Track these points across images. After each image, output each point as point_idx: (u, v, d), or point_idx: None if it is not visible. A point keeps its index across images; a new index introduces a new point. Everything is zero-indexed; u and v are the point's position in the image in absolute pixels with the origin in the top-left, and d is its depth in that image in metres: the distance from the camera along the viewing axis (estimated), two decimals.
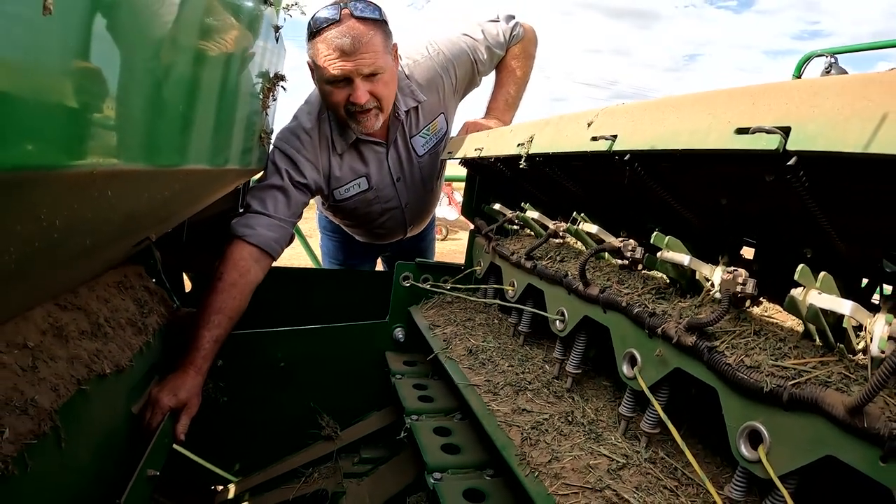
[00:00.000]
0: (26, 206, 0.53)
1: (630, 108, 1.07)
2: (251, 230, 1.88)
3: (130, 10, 0.65)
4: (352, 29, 1.76)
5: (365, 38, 1.77)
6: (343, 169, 2.12)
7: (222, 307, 1.73)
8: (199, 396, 1.60)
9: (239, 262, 1.84)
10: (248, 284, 1.84)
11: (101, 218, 0.80)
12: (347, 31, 1.75)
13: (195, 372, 1.60)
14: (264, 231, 1.90)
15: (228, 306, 1.75)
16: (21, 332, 0.98)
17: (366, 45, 1.77)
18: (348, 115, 1.92)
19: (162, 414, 1.44)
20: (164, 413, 1.44)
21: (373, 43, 1.79)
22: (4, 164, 0.43)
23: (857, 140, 0.58)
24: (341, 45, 1.75)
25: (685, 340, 0.90)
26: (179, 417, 1.51)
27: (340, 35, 1.75)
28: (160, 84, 0.82)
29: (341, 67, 1.79)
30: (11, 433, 0.82)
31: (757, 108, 0.74)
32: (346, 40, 1.75)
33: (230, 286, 1.78)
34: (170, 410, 1.48)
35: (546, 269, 1.41)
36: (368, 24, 1.79)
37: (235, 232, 1.88)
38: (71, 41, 0.51)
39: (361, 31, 1.77)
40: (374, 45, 1.80)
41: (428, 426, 1.50)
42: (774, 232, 1.03)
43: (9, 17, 0.41)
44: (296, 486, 1.90)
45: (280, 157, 2.01)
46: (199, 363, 1.61)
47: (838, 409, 0.67)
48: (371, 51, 1.79)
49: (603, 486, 0.96)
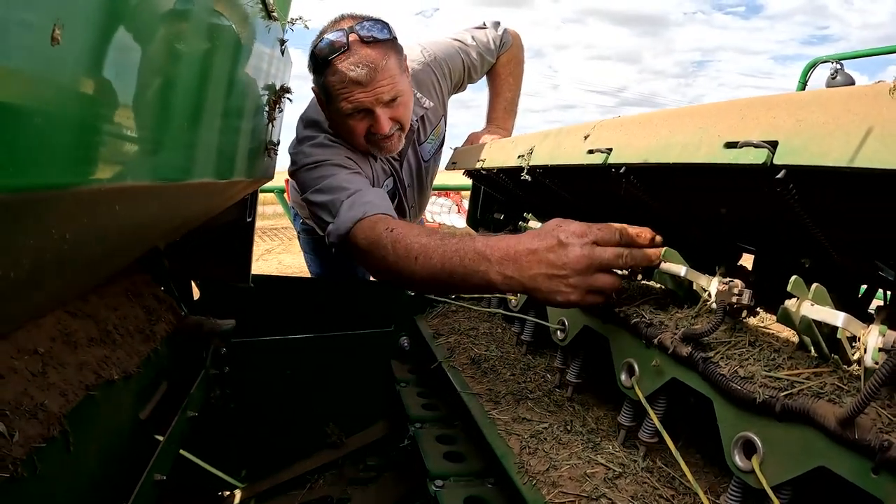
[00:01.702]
0: (38, 222, 0.55)
1: (625, 121, 1.08)
2: (362, 207, 1.56)
3: (139, 29, 0.67)
4: (364, 58, 1.62)
5: (380, 64, 1.64)
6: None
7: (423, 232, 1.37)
8: None
9: (383, 227, 1.47)
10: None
11: (110, 231, 0.82)
12: (360, 61, 1.62)
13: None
14: (374, 199, 1.60)
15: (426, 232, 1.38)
16: (31, 338, 1.01)
17: (382, 73, 1.65)
18: (370, 144, 1.81)
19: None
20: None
21: (388, 68, 1.66)
22: (18, 185, 0.45)
23: (841, 154, 0.59)
24: (356, 77, 1.62)
25: (681, 351, 0.91)
26: None
27: (354, 66, 1.61)
28: (168, 100, 0.84)
29: (359, 100, 1.66)
30: (21, 436, 0.83)
31: (745, 122, 0.76)
32: (360, 71, 1.61)
33: (405, 232, 1.40)
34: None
35: None
36: (380, 48, 1.65)
37: (351, 222, 1.55)
38: (80, 65, 0.53)
39: (375, 57, 1.63)
40: (390, 70, 1.67)
41: (431, 434, 1.52)
42: (772, 242, 1.04)
43: (19, 47, 0.43)
44: (301, 493, 1.92)
45: (324, 167, 1.76)
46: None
47: (830, 420, 0.67)
48: (388, 76, 1.66)
49: (599, 494, 0.97)
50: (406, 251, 1.34)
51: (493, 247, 1.16)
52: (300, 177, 1.79)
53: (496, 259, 1.15)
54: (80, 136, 0.56)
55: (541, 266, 1.09)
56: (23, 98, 0.45)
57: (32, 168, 0.47)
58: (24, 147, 0.46)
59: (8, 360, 0.92)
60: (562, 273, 1.07)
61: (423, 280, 1.32)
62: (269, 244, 10.45)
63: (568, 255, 1.06)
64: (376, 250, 1.44)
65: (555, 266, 1.07)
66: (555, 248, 1.08)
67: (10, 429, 0.83)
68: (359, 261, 1.59)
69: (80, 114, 0.55)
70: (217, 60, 1.06)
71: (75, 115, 0.54)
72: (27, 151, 0.46)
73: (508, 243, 1.14)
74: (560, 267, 1.07)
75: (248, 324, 1.92)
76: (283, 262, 8.64)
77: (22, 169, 0.45)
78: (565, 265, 1.06)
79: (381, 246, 1.42)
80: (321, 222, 1.69)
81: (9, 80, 0.42)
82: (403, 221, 1.51)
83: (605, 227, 1.08)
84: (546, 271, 1.08)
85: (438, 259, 1.26)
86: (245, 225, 2.01)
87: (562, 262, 1.07)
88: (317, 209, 1.71)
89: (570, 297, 1.08)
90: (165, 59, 0.80)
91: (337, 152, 1.79)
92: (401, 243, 1.36)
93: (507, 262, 1.13)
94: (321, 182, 1.70)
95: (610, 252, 1.06)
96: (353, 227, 1.54)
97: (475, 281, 1.19)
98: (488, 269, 1.15)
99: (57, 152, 0.52)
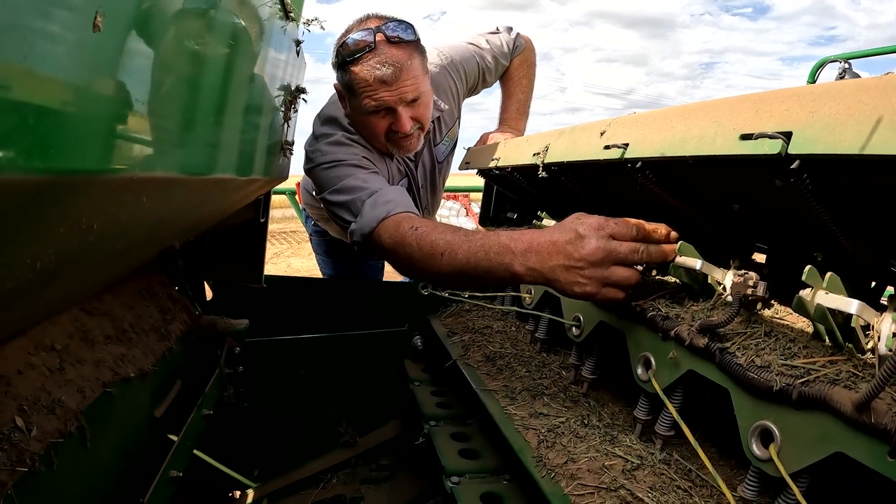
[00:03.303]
0: (71, 209, 0.57)
1: (641, 117, 1.09)
2: (385, 206, 1.58)
3: (169, 29, 0.69)
4: (390, 57, 1.65)
5: (405, 64, 1.66)
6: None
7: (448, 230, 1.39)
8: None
9: (408, 226, 1.48)
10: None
11: (134, 223, 0.84)
12: (387, 60, 1.64)
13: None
14: (395, 198, 1.62)
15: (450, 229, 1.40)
16: (49, 335, 1.03)
17: (406, 72, 1.67)
18: (390, 143, 1.83)
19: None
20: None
21: (412, 68, 1.69)
22: (55, 167, 0.46)
23: (854, 142, 0.60)
24: (382, 76, 1.64)
25: (697, 342, 0.92)
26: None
27: (380, 65, 1.64)
28: (195, 96, 0.86)
29: (383, 98, 1.69)
30: (39, 432, 0.85)
31: (760, 114, 0.77)
32: (386, 70, 1.64)
33: (429, 229, 1.42)
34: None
35: None
36: (405, 48, 1.68)
37: (375, 221, 1.57)
38: (116, 58, 0.55)
39: (400, 57, 1.66)
40: (415, 70, 1.70)
41: (446, 431, 1.53)
42: (785, 236, 1.05)
43: (62, 34, 0.44)
44: (314, 492, 1.94)
45: (342, 167, 1.77)
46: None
47: (846, 405, 0.68)
48: (412, 76, 1.69)
49: (618, 485, 0.98)
50: (431, 248, 1.36)
51: (518, 239, 1.18)
52: (317, 175, 1.81)
53: (520, 251, 1.16)
54: (113, 123, 0.58)
55: (559, 257, 1.10)
56: (63, 82, 0.46)
57: (69, 151, 0.49)
58: (62, 130, 0.47)
59: (26, 356, 0.94)
60: (578, 265, 1.09)
61: (448, 275, 1.35)
62: (278, 248, 10.48)
63: (585, 247, 1.08)
64: (401, 248, 1.47)
65: (572, 258, 1.09)
66: (573, 240, 1.10)
67: (27, 424, 0.84)
68: (384, 259, 1.62)
69: (114, 102, 0.57)
70: (240, 58, 1.08)
71: (110, 103, 0.56)
72: (65, 135, 0.48)
73: (532, 236, 1.16)
74: (577, 259, 1.09)
75: (261, 324, 1.93)
76: (293, 265, 8.67)
77: (59, 151, 0.47)
78: (582, 257, 1.08)
79: (407, 244, 1.44)
80: (342, 222, 1.71)
81: (51, 62, 0.44)
82: (426, 219, 1.53)
83: (621, 222, 1.10)
84: (564, 262, 1.10)
85: (463, 254, 1.28)
86: (258, 226, 2.02)
87: (579, 255, 1.08)
88: (337, 209, 1.72)
89: (587, 288, 1.10)
90: (193, 54, 0.82)
91: (354, 151, 1.81)
92: (425, 241, 1.39)
93: (531, 254, 1.15)
94: (339, 182, 1.72)
95: (626, 247, 1.08)
96: (377, 226, 1.56)
97: (500, 273, 1.21)
98: (513, 260, 1.17)
99: (92, 138, 0.53)
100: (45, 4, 0.42)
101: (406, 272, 1.58)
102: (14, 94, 0.40)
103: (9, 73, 0.40)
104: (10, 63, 0.40)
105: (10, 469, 0.77)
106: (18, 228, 0.51)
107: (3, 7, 0.37)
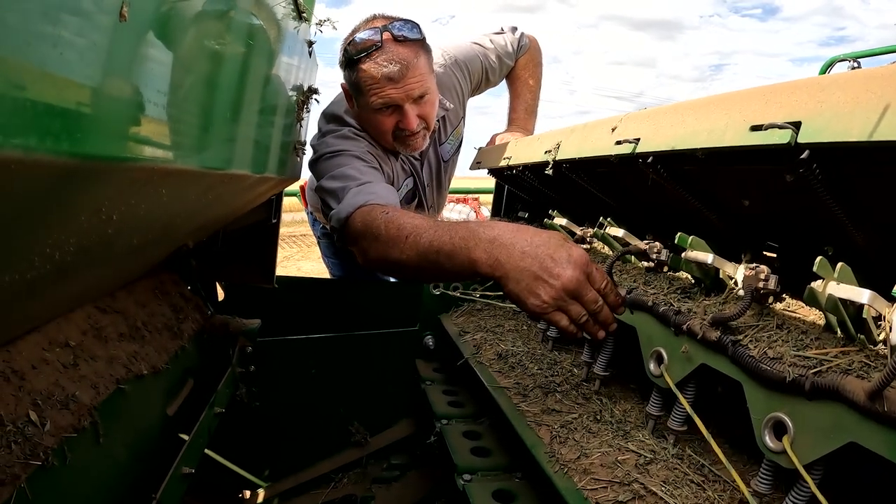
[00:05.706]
0: (93, 196, 0.58)
1: (652, 112, 1.10)
2: (366, 196, 1.57)
3: (190, 24, 0.71)
4: (397, 55, 1.68)
5: (411, 62, 1.70)
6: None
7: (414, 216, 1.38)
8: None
9: (380, 210, 1.47)
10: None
11: (152, 216, 0.85)
12: (393, 58, 1.67)
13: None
14: (381, 192, 1.61)
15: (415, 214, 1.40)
16: (63, 331, 1.04)
17: (412, 70, 1.70)
18: (396, 140, 1.85)
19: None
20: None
21: (418, 65, 1.72)
22: (80, 151, 0.47)
23: (862, 130, 0.61)
24: (389, 74, 1.67)
25: (710, 336, 0.92)
26: None
27: (386, 62, 1.67)
28: (214, 91, 0.87)
29: (390, 95, 1.71)
30: (52, 426, 0.86)
31: (769, 106, 0.78)
32: (393, 68, 1.67)
33: (400, 214, 1.41)
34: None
35: None
36: (411, 47, 1.71)
37: (352, 207, 1.54)
38: (141, 49, 0.57)
39: (406, 55, 1.69)
40: (420, 68, 1.73)
41: (457, 430, 1.53)
42: (796, 230, 1.05)
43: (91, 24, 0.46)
44: (325, 492, 1.94)
45: (342, 156, 1.78)
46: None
47: (859, 394, 0.68)
48: (418, 74, 1.72)
49: (631, 479, 0.98)
50: (398, 231, 1.33)
51: (490, 226, 1.16)
52: (318, 166, 1.81)
53: (487, 238, 1.14)
54: (138, 114, 0.59)
55: (534, 264, 1.08)
56: (91, 71, 0.48)
57: (95, 137, 0.50)
58: (89, 117, 0.49)
59: (40, 352, 0.95)
60: (550, 281, 1.07)
61: (409, 262, 1.31)
62: (288, 251, 10.47)
63: (566, 271, 1.07)
64: (369, 231, 1.44)
65: (548, 272, 1.07)
66: (558, 259, 1.08)
67: (41, 418, 0.86)
68: (352, 246, 1.59)
69: (138, 93, 0.58)
70: (256, 56, 1.09)
71: (135, 93, 0.57)
72: (92, 121, 0.49)
73: (508, 228, 1.14)
74: (552, 276, 1.07)
75: (272, 324, 1.94)
76: (302, 268, 8.67)
77: (86, 136, 0.48)
78: (559, 277, 1.06)
79: (375, 227, 1.41)
80: (326, 208, 1.70)
81: (78, 49, 0.45)
82: (403, 209, 1.49)
83: (601, 271, 1.11)
84: (537, 271, 1.08)
85: (427, 238, 1.25)
86: (270, 226, 2.03)
87: (556, 273, 1.07)
88: (326, 195, 1.72)
89: (541, 305, 1.08)
90: (210, 55, 0.84)
91: (359, 145, 1.83)
92: (393, 223, 1.36)
93: (499, 246, 1.12)
94: (336, 169, 1.73)
95: (593, 294, 1.08)
96: (353, 212, 1.53)
97: (460, 258, 1.17)
98: (476, 245, 1.14)
99: (117, 126, 0.55)
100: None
101: (371, 261, 1.49)
102: (45, 80, 0.42)
103: (41, 59, 0.41)
104: (43, 49, 0.41)
105: (23, 462, 0.78)
106: (43, 212, 0.52)
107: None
